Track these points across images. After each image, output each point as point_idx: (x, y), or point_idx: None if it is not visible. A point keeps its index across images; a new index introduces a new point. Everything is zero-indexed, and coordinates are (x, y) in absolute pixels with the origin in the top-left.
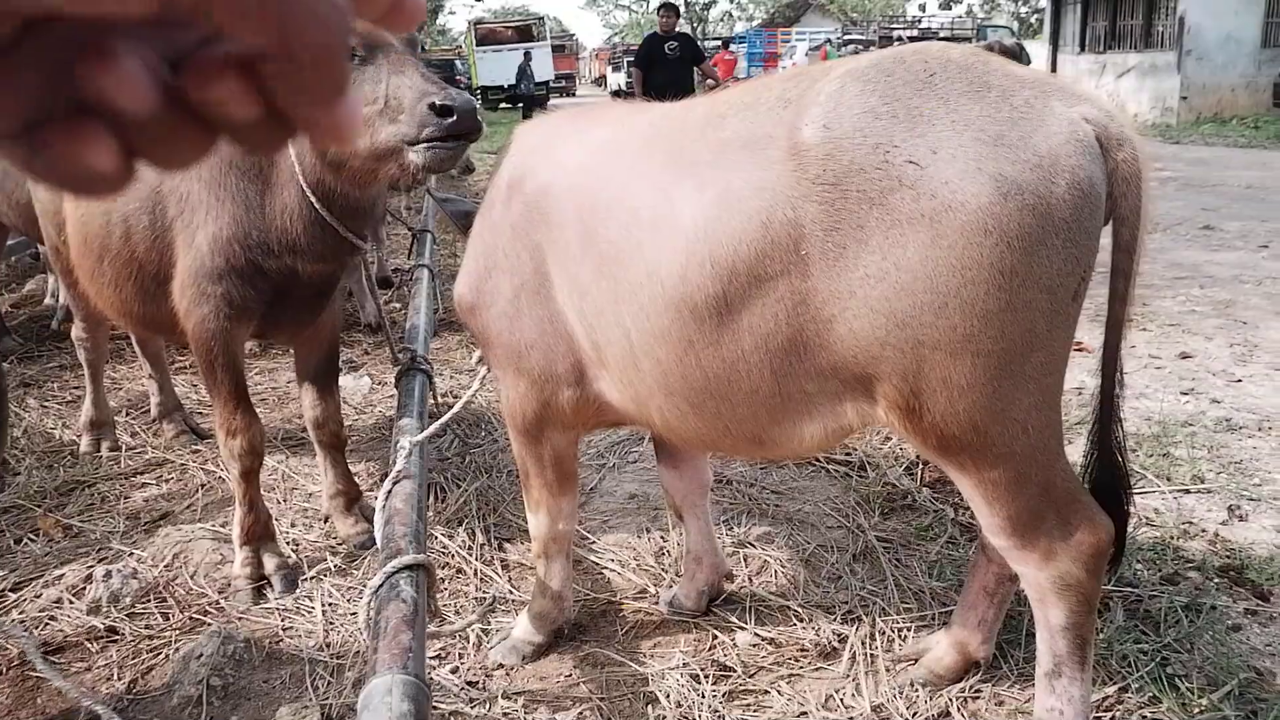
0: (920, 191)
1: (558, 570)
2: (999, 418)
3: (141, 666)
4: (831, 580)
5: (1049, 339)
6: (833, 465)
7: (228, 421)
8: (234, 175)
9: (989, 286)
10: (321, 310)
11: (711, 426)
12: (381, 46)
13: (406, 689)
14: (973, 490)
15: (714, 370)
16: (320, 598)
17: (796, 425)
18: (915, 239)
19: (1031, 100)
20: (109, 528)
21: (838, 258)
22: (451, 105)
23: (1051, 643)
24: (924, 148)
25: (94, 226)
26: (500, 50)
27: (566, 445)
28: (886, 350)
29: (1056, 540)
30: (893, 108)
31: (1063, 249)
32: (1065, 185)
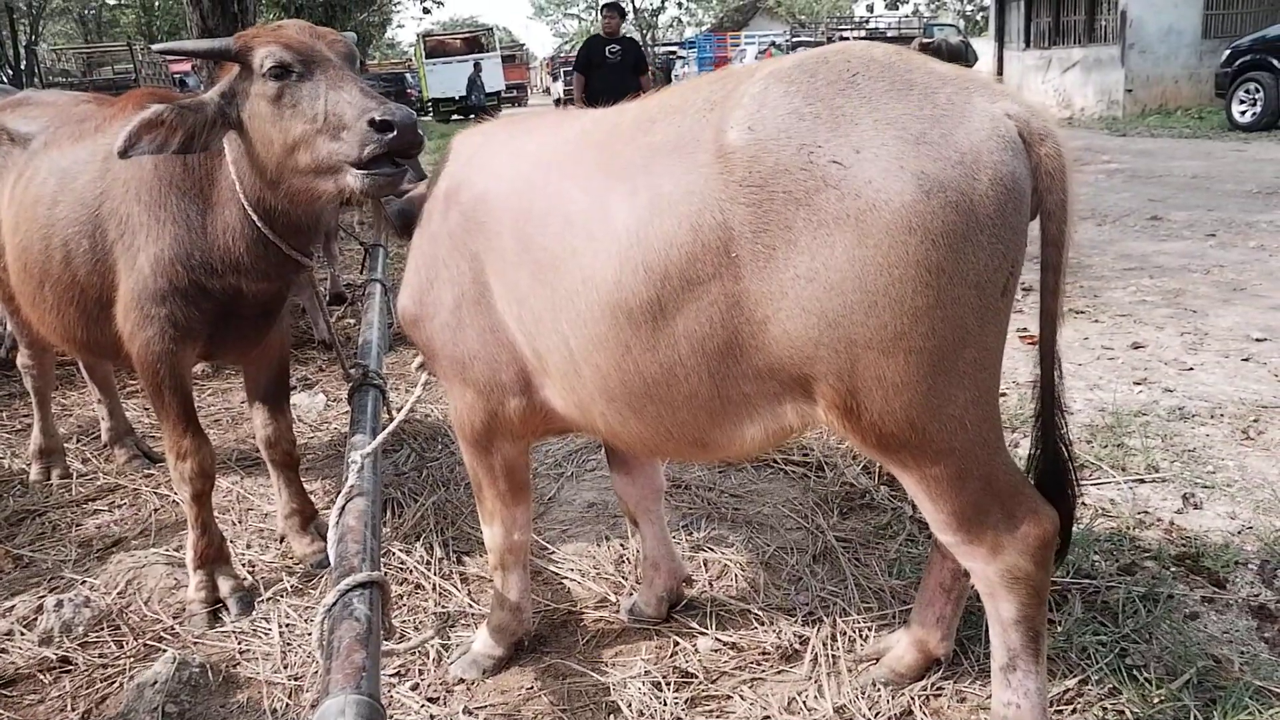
0: (845, 191)
1: (515, 581)
2: (936, 414)
3: (96, 696)
4: (792, 582)
5: (980, 334)
6: (791, 466)
7: (177, 445)
8: (174, 195)
9: (916, 284)
10: (269, 329)
11: (654, 431)
12: (319, 61)
13: (360, 709)
14: (916, 488)
15: (652, 375)
16: (277, 619)
17: (737, 427)
18: (842, 239)
19: (953, 97)
20: (60, 556)
21: (768, 259)
22: (391, 120)
23: (1004, 636)
24: (847, 147)
25: (34, 252)
26: (450, 62)
27: (517, 455)
28: (820, 350)
29: (1003, 533)
30: (816, 108)
31: (989, 245)
32: (988, 181)
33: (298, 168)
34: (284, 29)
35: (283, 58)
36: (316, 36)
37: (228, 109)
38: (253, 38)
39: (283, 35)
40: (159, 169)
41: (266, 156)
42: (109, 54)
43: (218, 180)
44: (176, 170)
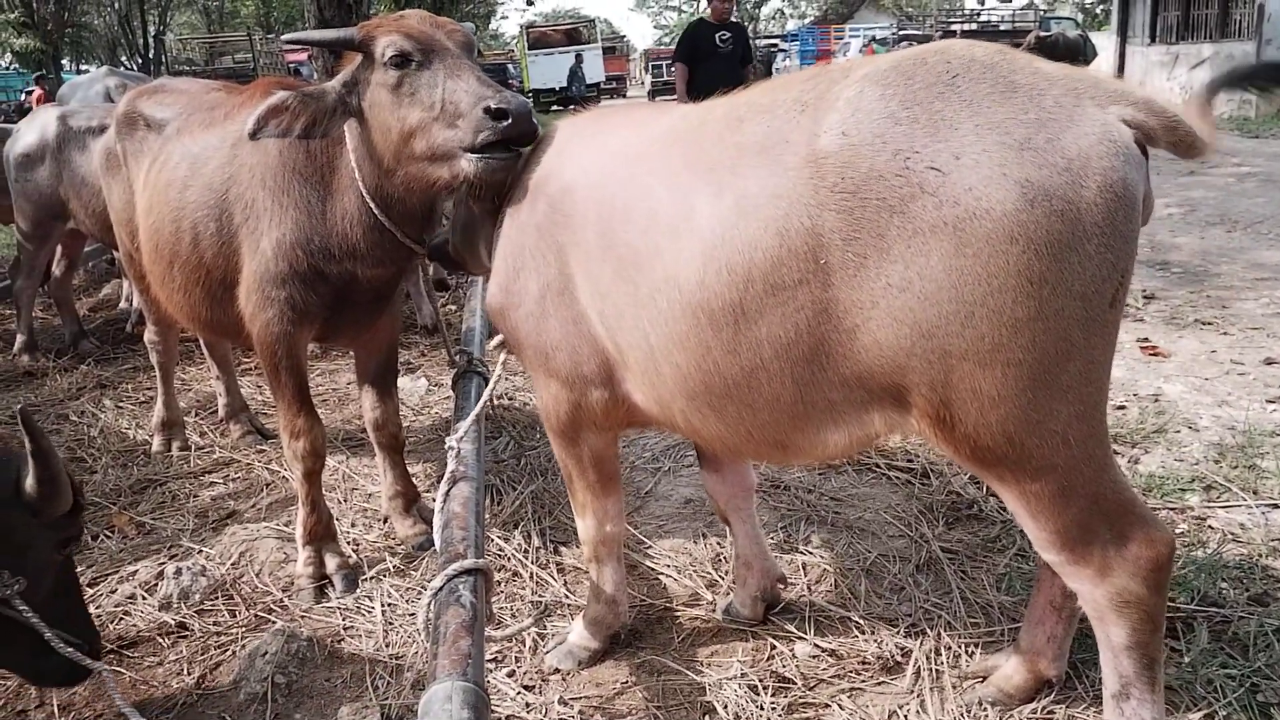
0: (943, 199)
1: (610, 574)
2: (1036, 429)
3: (210, 662)
4: (894, 591)
5: (1086, 347)
6: (894, 472)
7: (291, 423)
8: (297, 181)
9: (1017, 295)
10: (381, 314)
11: (733, 431)
12: (438, 51)
13: (466, 696)
14: (1017, 504)
15: (733, 376)
16: (380, 598)
17: (820, 432)
18: (938, 248)
19: (1061, 100)
20: (179, 525)
21: (859, 267)
22: (507, 109)
23: (1116, 663)
24: (946, 153)
25: (165, 234)
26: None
27: (604, 446)
28: (913, 361)
29: (1112, 554)
30: (913, 112)
31: (1096, 255)
32: (1096, 189)
33: (414, 154)
34: (406, 19)
35: (404, 46)
36: (437, 26)
37: (349, 98)
38: (375, 27)
39: (404, 25)
40: (283, 156)
41: (384, 144)
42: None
43: (339, 168)
44: (300, 157)
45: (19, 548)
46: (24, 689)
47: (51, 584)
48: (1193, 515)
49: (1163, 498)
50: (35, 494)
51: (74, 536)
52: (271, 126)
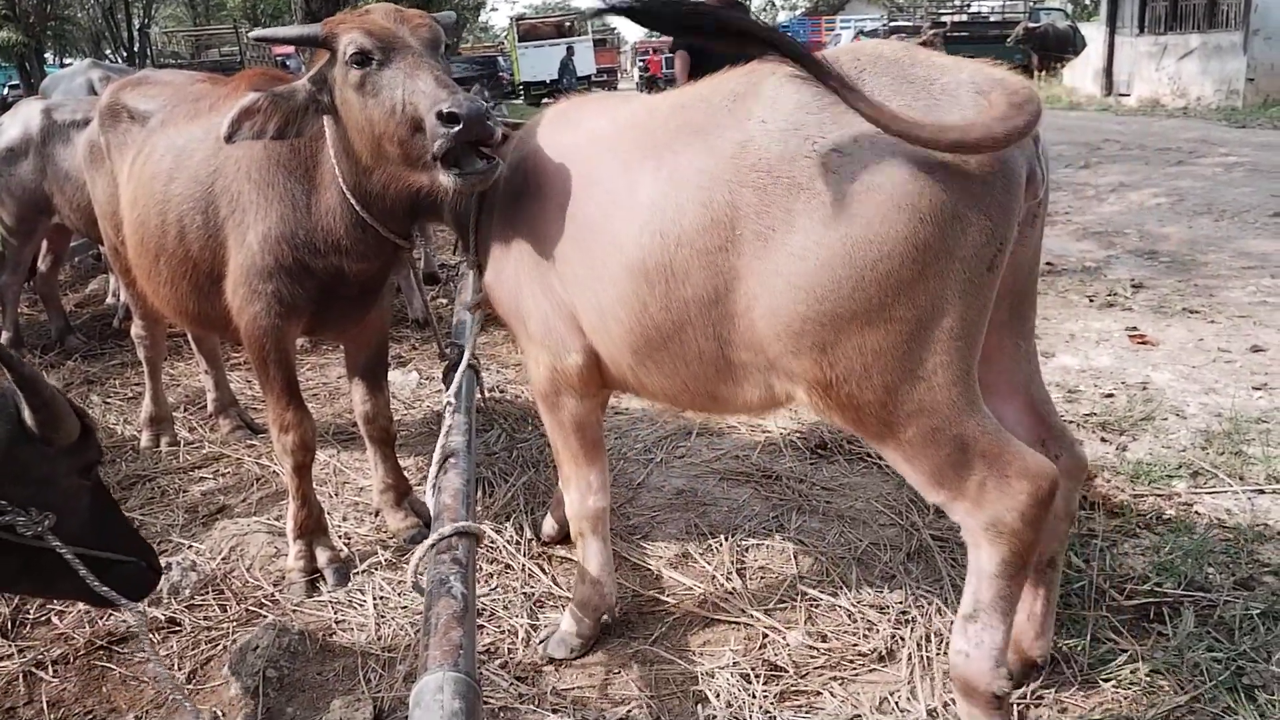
0: (843, 176)
1: (594, 552)
2: (909, 377)
3: (201, 657)
4: (885, 580)
5: (960, 306)
6: (885, 462)
7: (280, 417)
8: (282, 175)
9: (904, 259)
10: (370, 307)
11: (671, 383)
12: (399, 48)
13: (458, 687)
14: (895, 455)
15: (666, 331)
16: (372, 591)
17: (739, 387)
18: (837, 219)
19: (947, 87)
20: (169, 521)
21: (768, 238)
22: (458, 113)
23: (976, 587)
24: (848, 137)
25: (150, 227)
26: (542, 46)
27: (585, 413)
28: (807, 325)
29: (989, 487)
30: (822, 102)
31: (976, 223)
32: (976, 164)
33: (388, 157)
34: (370, 14)
35: (363, 44)
36: (401, 21)
37: (319, 95)
38: (338, 24)
39: (367, 22)
40: (269, 148)
41: (360, 143)
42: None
43: (321, 162)
44: (284, 150)
45: (40, 482)
46: (12, 686)
47: (85, 511)
48: (1180, 501)
49: (1150, 484)
50: (36, 424)
51: (94, 460)
52: (245, 129)
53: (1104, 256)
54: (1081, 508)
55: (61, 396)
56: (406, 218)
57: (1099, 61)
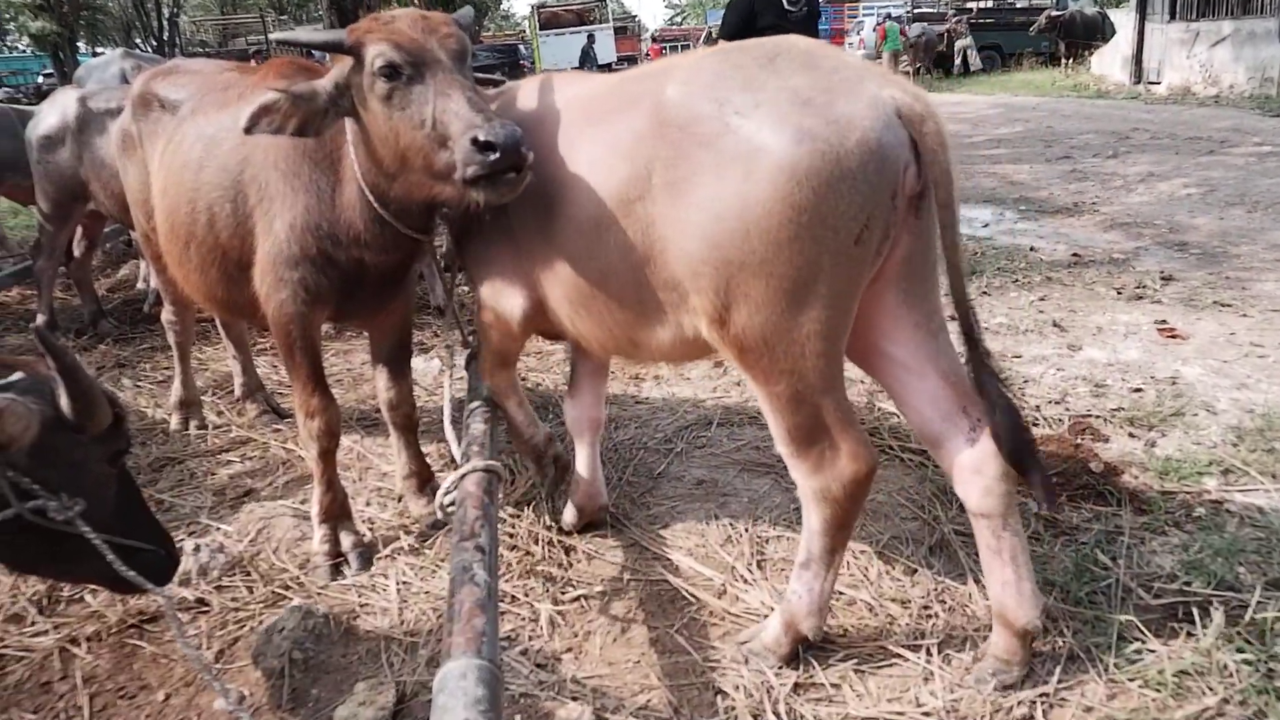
0: (740, 137)
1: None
2: (783, 336)
3: (229, 638)
4: (906, 574)
5: (831, 274)
6: (907, 454)
7: (306, 403)
8: (308, 166)
9: (782, 218)
10: (394, 296)
11: (599, 328)
12: (429, 63)
13: (481, 674)
14: (764, 402)
15: (594, 279)
16: (395, 575)
17: (655, 330)
18: (733, 175)
19: (848, 77)
20: (198, 503)
21: (677, 189)
22: (494, 142)
23: (809, 541)
24: (750, 103)
25: (181, 214)
26: (563, 34)
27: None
28: (705, 267)
29: (826, 459)
30: (735, 73)
31: (847, 194)
32: (855, 142)
33: (410, 167)
34: (396, 23)
35: (393, 59)
36: (429, 31)
37: (340, 99)
38: (365, 32)
39: (394, 32)
40: (296, 140)
41: (382, 152)
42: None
43: (344, 156)
44: (311, 143)
45: (71, 468)
46: (48, 661)
47: (112, 499)
48: (1210, 498)
49: (1180, 481)
50: (72, 411)
51: (122, 449)
52: (264, 124)
53: (1132, 248)
54: (1108, 504)
55: (98, 385)
56: (425, 215)
57: (1128, 49)
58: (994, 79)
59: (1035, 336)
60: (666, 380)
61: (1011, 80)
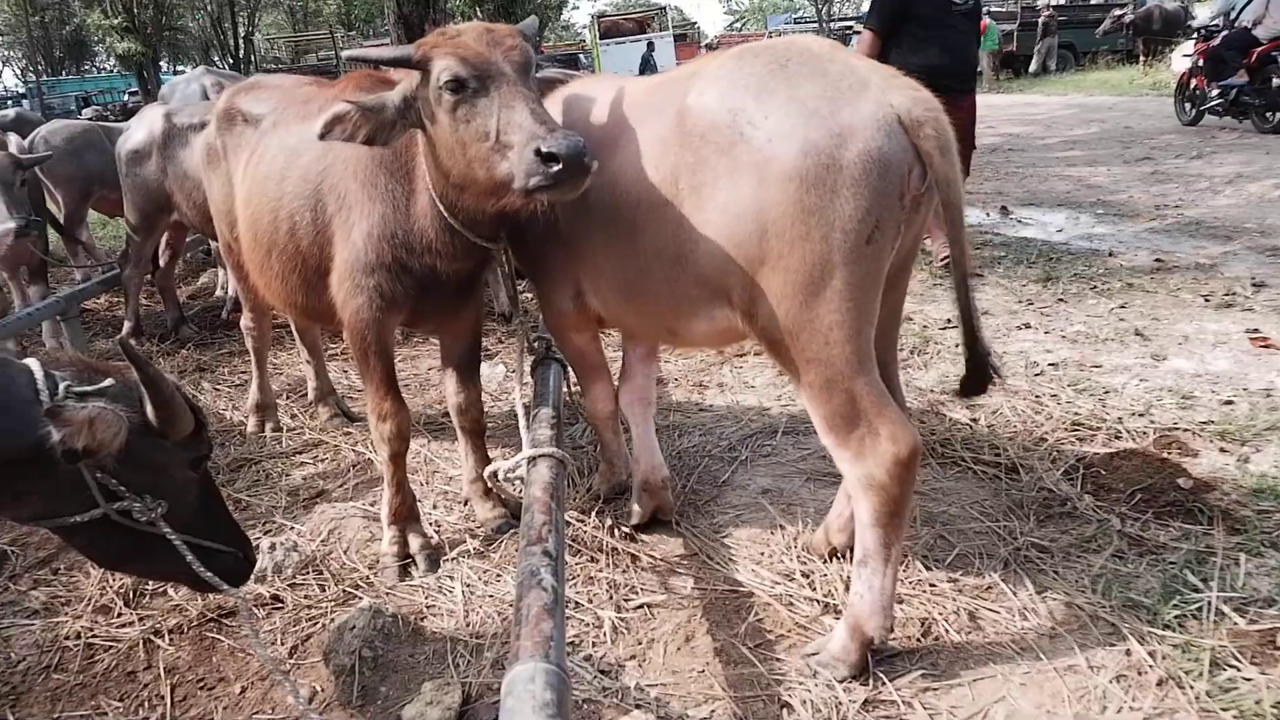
0: (753, 146)
1: (608, 442)
2: (806, 327)
3: (302, 634)
4: (981, 590)
5: (845, 270)
6: (980, 466)
7: (379, 407)
8: (384, 175)
9: (794, 219)
10: (465, 302)
11: (639, 318)
12: (494, 76)
13: (549, 678)
14: (802, 394)
15: (632, 275)
16: (460, 578)
17: (690, 321)
18: (748, 180)
19: (854, 84)
20: (272, 503)
21: (700, 193)
22: (557, 153)
23: (862, 536)
24: (760, 113)
25: (263, 224)
26: (623, 42)
27: (585, 343)
28: (730, 265)
29: (866, 444)
30: (748, 82)
31: (852, 199)
32: (857, 152)
33: (476, 178)
34: (462, 37)
35: (459, 73)
36: (494, 44)
37: (407, 112)
38: (432, 47)
39: (460, 46)
40: (373, 150)
41: (449, 161)
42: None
43: (417, 166)
44: (387, 152)
45: (155, 472)
46: (133, 651)
47: (193, 502)
48: None
49: (1276, 499)
50: (156, 418)
51: (204, 454)
52: (336, 132)
53: (1220, 253)
54: (1197, 522)
55: (180, 394)
56: (494, 224)
57: None
58: (1067, 79)
59: (1116, 345)
60: (730, 388)
61: (1086, 79)
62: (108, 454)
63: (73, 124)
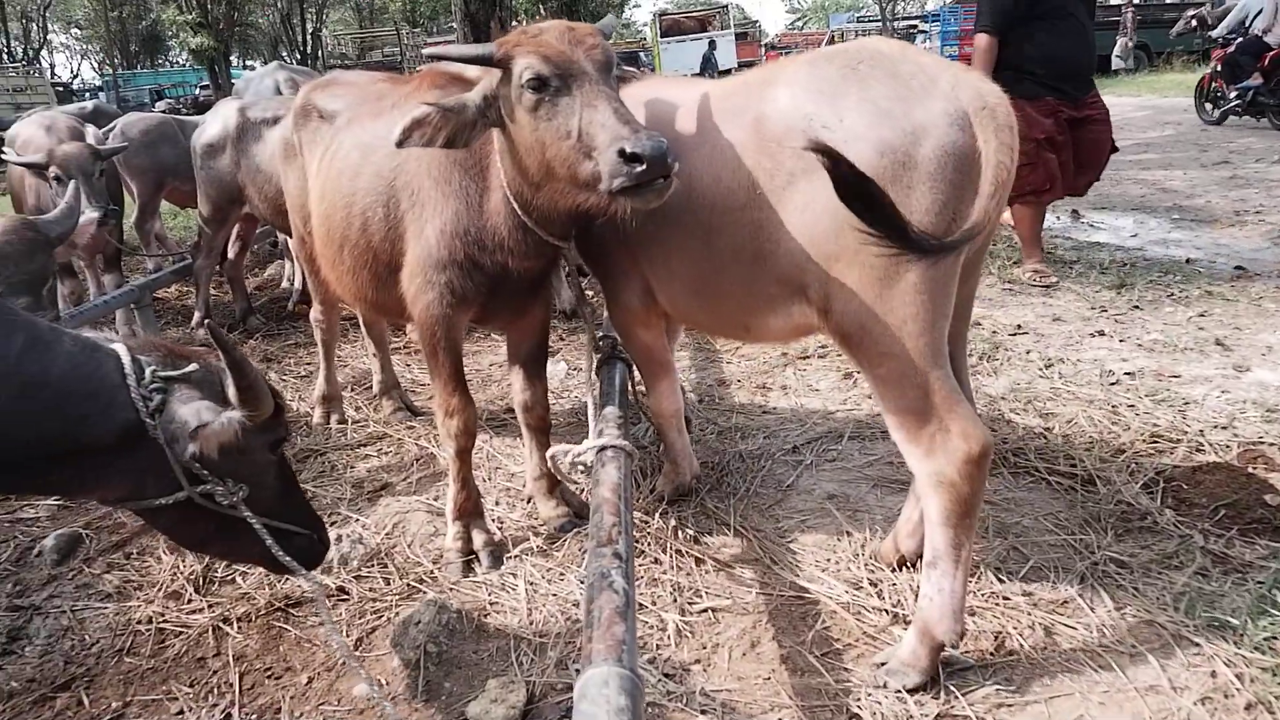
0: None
1: (672, 441)
2: (879, 320)
3: (367, 626)
4: (1056, 604)
5: (920, 265)
6: (1055, 478)
7: (446, 402)
8: (458, 173)
9: None
10: (534, 300)
11: (712, 315)
12: (576, 75)
13: (623, 683)
14: (873, 387)
15: (708, 275)
16: (523, 576)
17: (766, 318)
18: (824, 181)
19: (924, 83)
20: (338, 494)
21: (778, 195)
22: (641, 154)
23: (931, 536)
24: (835, 116)
25: (336, 219)
26: (684, 40)
27: (651, 340)
28: (809, 263)
29: (937, 441)
30: (822, 87)
31: (928, 195)
32: (930, 148)
33: (556, 177)
34: (544, 35)
35: (541, 71)
36: (575, 43)
37: (488, 111)
38: (514, 46)
39: (542, 45)
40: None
41: (528, 159)
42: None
43: (492, 164)
44: (461, 150)
45: (237, 456)
46: (203, 638)
47: (272, 485)
48: None
49: None
50: (239, 402)
51: (282, 438)
52: (415, 137)
53: None
54: None
55: (263, 378)
56: (566, 223)
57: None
58: (1140, 79)
59: (1195, 355)
60: (794, 390)
61: (1160, 80)
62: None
63: (148, 117)
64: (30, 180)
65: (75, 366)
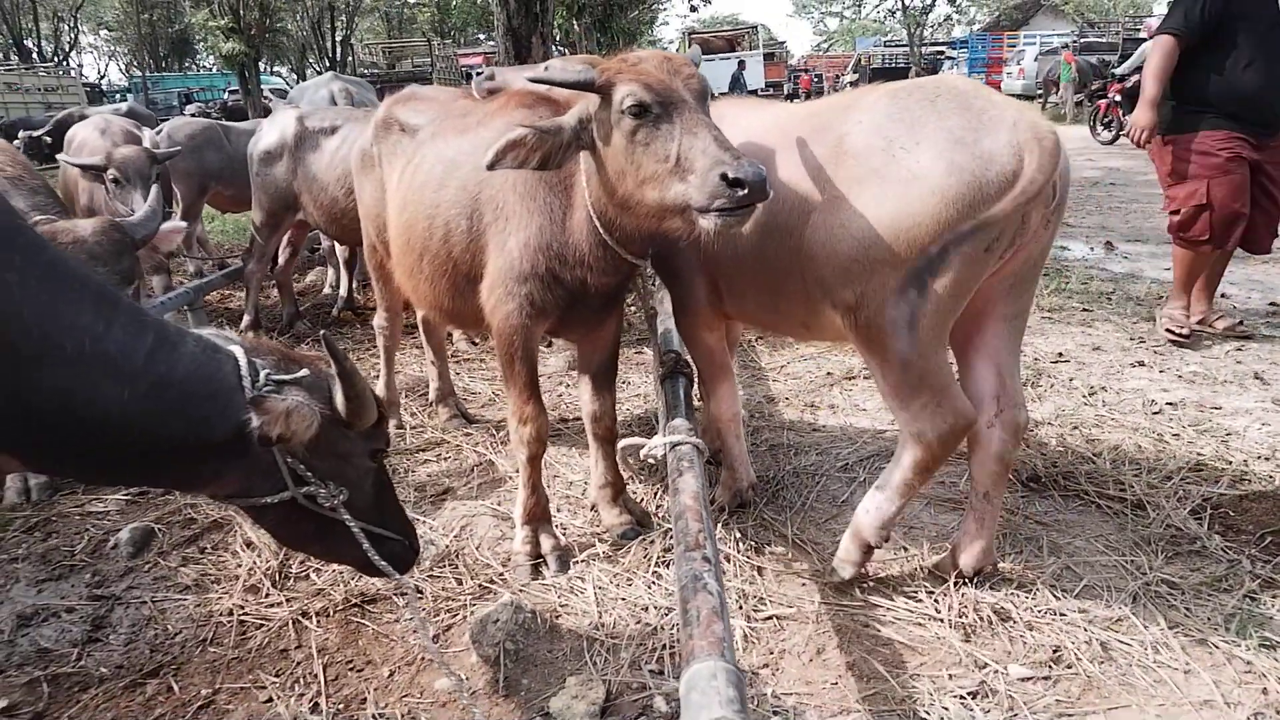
0: (903, 166)
1: (730, 446)
2: (905, 313)
3: (442, 625)
4: (1110, 621)
5: (957, 272)
6: (1105, 501)
7: (521, 410)
8: (543, 189)
9: (928, 230)
10: (609, 313)
11: (773, 315)
12: (675, 103)
13: (729, 676)
14: (876, 367)
15: (768, 277)
16: (591, 580)
17: (822, 316)
18: (893, 194)
19: (994, 116)
20: (402, 497)
21: (842, 203)
22: (744, 179)
23: (892, 471)
24: (912, 140)
25: (417, 229)
26: (713, 59)
27: (714, 344)
28: (854, 265)
29: (927, 409)
30: (902, 115)
31: (986, 216)
32: (995, 174)
33: (645, 200)
34: (644, 65)
35: (643, 99)
36: (674, 73)
37: (582, 134)
38: (615, 73)
39: (643, 74)
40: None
41: (618, 183)
42: (409, 48)
43: (577, 183)
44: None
45: (340, 460)
46: (284, 630)
47: (371, 491)
48: None
49: None
50: (346, 409)
51: (383, 446)
52: (509, 159)
53: None
54: None
55: (370, 387)
56: (645, 242)
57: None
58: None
59: (1235, 388)
60: (841, 409)
61: None
62: (299, 443)
63: (193, 121)
64: (84, 182)
65: (198, 367)
